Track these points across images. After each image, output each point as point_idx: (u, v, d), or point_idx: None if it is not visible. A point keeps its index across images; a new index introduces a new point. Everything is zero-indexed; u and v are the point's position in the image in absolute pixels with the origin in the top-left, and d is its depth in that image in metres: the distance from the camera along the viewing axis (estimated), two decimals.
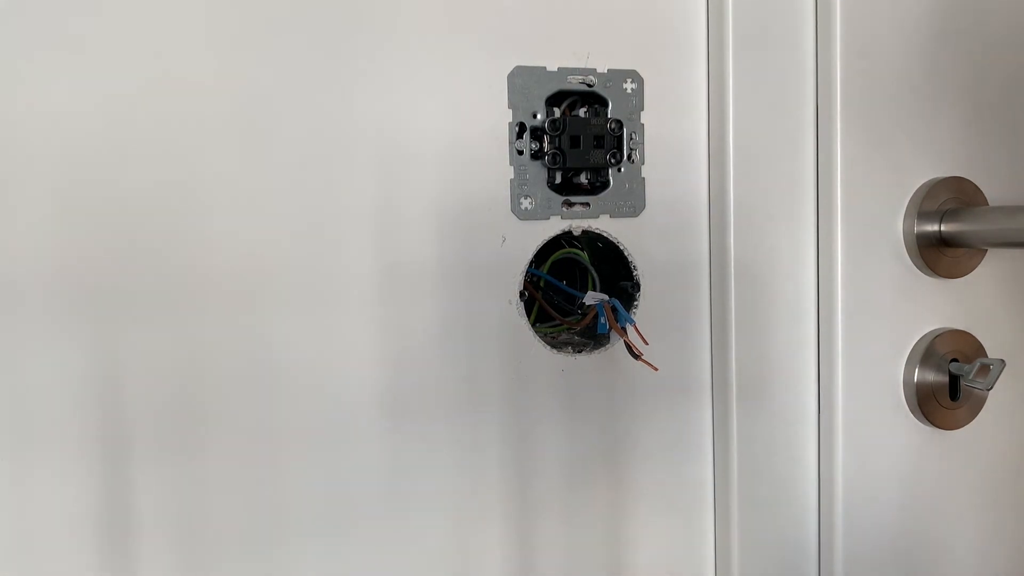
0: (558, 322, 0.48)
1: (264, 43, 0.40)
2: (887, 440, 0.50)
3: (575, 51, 0.45)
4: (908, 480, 0.50)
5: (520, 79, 0.44)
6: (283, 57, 0.40)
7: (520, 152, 0.44)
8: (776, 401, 0.49)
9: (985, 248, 0.50)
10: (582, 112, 0.47)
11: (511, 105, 0.44)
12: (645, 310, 0.47)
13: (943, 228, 0.48)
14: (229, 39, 0.40)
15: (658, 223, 0.47)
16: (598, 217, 0.46)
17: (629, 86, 0.46)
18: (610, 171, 0.46)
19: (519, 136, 0.44)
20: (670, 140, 0.47)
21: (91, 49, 0.38)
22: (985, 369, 0.48)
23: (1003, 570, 0.54)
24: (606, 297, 0.46)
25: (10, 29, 0.37)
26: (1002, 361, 0.48)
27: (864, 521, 0.49)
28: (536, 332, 0.46)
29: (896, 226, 0.49)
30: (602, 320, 0.46)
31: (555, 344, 0.47)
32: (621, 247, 0.47)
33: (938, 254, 0.49)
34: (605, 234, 0.46)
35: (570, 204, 0.46)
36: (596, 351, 0.47)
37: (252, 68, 0.40)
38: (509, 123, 0.44)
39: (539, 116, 0.45)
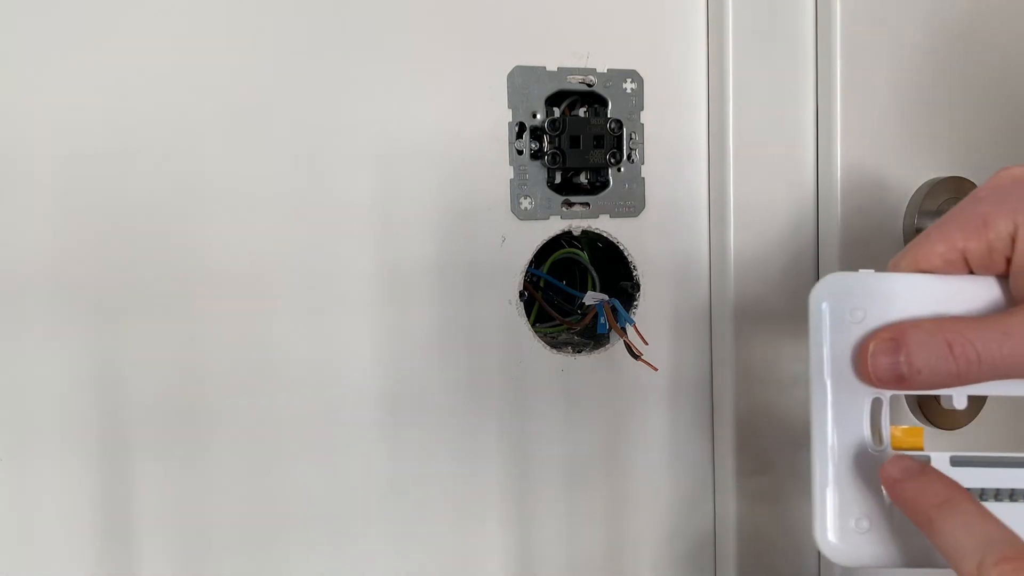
0: (558, 322, 0.48)
1: (263, 43, 0.40)
2: None
3: (575, 51, 0.45)
4: None
5: (520, 79, 0.44)
6: (282, 57, 0.40)
7: (520, 152, 0.44)
8: (776, 401, 0.49)
9: None
10: (582, 112, 0.47)
11: (511, 105, 0.44)
12: (645, 310, 0.47)
13: None
14: (229, 39, 0.40)
15: (658, 223, 0.47)
16: (598, 217, 0.46)
17: (629, 86, 0.46)
18: (610, 171, 0.46)
19: (519, 136, 0.44)
20: (670, 140, 0.47)
21: (92, 50, 0.38)
22: None
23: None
24: (606, 297, 0.46)
25: (10, 29, 0.37)
26: None
27: None
28: (536, 332, 0.46)
29: (896, 226, 0.49)
30: (602, 320, 0.46)
31: (555, 344, 0.47)
32: (621, 247, 0.47)
33: None
34: (605, 234, 0.46)
35: (570, 204, 0.46)
36: (596, 351, 0.47)
37: (251, 69, 0.40)
38: (509, 123, 0.44)
39: (539, 116, 0.44)
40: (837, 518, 0.32)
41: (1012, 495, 0.32)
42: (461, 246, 0.44)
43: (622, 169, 0.46)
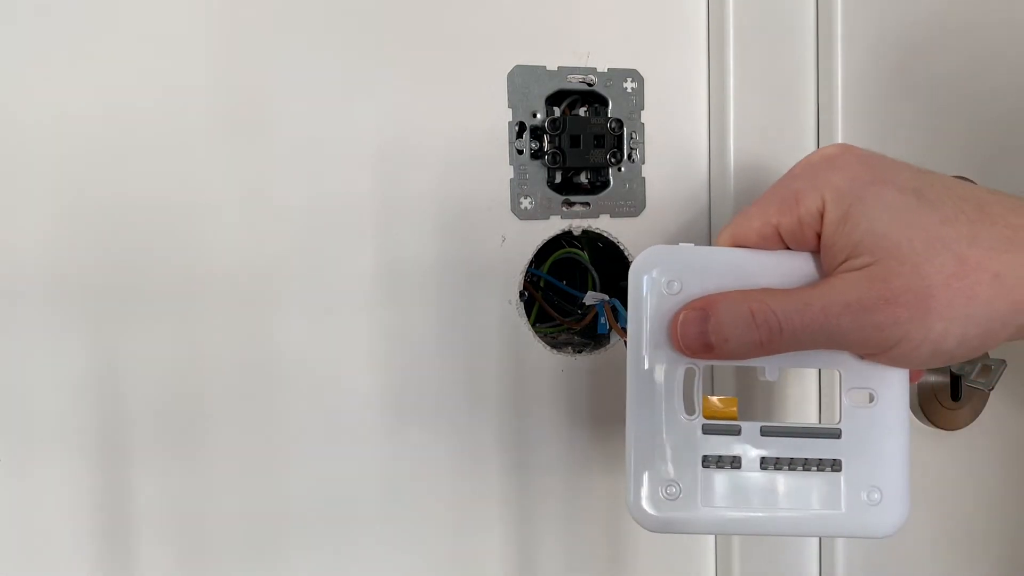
0: (558, 322, 0.48)
1: (264, 44, 0.40)
2: None
3: (575, 50, 0.45)
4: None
5: (520, 78, 0.44)
6: (282, 58, 0.40)
7: (520, 152, 0.44)
8: (776, 401, 0.49)
9: None
10: (582, 111, 0.47)
11: (511, 104, 0.44)
12: None
13: None
14: (229, 40, 0.40)
15: (658, 223, 0.47)
16: (598, 217, 0.46)
17: (629, 85, 0.46)
18: (610, 171, 0.46)
19: (519, 136, 0.44)
20: (670, 140, 0.47)
21: (92, 51, 0.38)
22: (987, 369, 0.48)
23: (1004, 570, 0.54)
24: (606, 297, 0.46)
25: (11, 31, 0.37)
26: (1003, 361, 0.48)
27: None
28: (536, 332, 0.46)
29: None
30: (602, 320, 0.46)
31: (555, 344, 0.47)
32: (621, 247, 0.47)
33: None
34: (605, 234, 0.46)
35: (570, 204, 0.46)
36: (596, 351, 0.47)
37: (252, 69, 0.40)
38: (509, 122, 0.44)
39: (539, 115, 0.44)
40: (648, 486, 0.33)
41: (820, 464, 0.33)
42: (461, 246, 0.44)
43: (622, 169, 0.46)
